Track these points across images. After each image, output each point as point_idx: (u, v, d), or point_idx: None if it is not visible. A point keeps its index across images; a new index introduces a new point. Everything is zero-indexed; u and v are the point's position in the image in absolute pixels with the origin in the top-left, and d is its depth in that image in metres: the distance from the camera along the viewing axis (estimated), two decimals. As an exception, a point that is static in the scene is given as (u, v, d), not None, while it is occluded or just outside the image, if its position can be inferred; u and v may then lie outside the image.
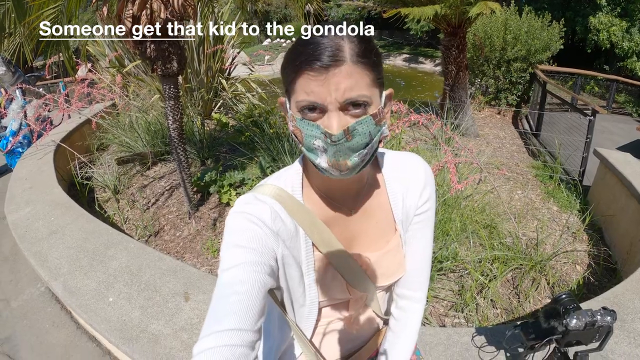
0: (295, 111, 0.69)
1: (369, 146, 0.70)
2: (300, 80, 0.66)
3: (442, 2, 5.73)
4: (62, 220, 2.80)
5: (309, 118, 0.67)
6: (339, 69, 0.63)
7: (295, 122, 0.70)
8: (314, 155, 0.70)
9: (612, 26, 11.54)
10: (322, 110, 0.66)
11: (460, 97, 6.71)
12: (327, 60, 0.63)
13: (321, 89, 0.64)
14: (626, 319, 1.81)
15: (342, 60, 0.63)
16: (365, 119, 0.67)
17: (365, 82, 0.66)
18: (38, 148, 4.27)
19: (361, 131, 0.67)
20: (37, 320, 2.75)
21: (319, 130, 0.67)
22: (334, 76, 0.63)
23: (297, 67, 0.66)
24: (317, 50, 0.63)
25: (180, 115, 3.36)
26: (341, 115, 0.66)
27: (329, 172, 0.71)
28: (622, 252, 3.20)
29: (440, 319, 2.54)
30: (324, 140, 0.67)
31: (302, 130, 0.69)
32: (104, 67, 6.34)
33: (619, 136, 7.78)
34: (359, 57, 0.65)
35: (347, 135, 0.66)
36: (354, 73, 0.64)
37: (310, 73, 0.64)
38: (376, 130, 0.70)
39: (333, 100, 0.65)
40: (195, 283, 2.14)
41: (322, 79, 0.63)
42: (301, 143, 0.71)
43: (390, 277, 0.93)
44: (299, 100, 0.67)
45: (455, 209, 3.20)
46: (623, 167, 3.52)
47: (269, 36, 22.69)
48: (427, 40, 21.48)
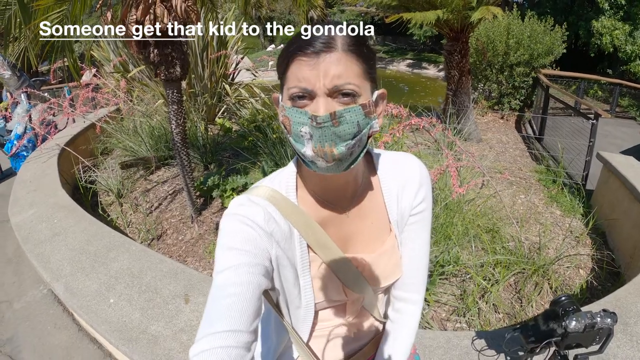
0: (287, 100, 0.71)
1: (357, 137, 0.70)
2: (292, 67, 0.68)
3: (444, 7, 5.75)
4: (65, 223, 2.82)
5: (299, 105, 0.69)
6: (330, 54, 0.66)
7: (284, 112, 0.71)
8: (300, 144, 0.70)
9: (615, 30, 11.54)
10: (311, 97, 0.68)
11: (463, 102, 6.71)
12: (319, 46, 0.65)
13: (311, 73, 0.66)
14: (629, 322, 1.80)
15: (333, 47, 0.66)
16: (354, 107, 0.68)
17: (355, 71, 0.68)
18: (42, 151, 4.30)
19: (349, 119, 0.68)
20: (40, 322, 2.76)
21: (306, 116, 0.67)
22: (324, 61, 0.65)
23: (291, 53, 0.68)
24: (311, 38, 0.67)
25: (184, 120, 3.38)
26: (329, 101, 0.67)
27: (315, 162, 0.71)
28: (625, 256, 3.18)
29: (442, 324, 2.53)
30: (310, 125, 0.67)
31: (290, 118, 0.70)
32: (109, 72, 6.40)
33: (623, 140, 7.74)
34: (350, 46, 0.67)
35: (334, 120, 0.67)
36: (344, 60, 0.66)
37: (302, 58, 0.66)
38: (365, 121, 0.71)
39: (322, 86, 0.66)
40: (196, 285, 2.15)
41: (313, 64, 0.66)
42: (289, 133, 0.72)
43: (387, 279, 0.92)
44: (290, 87, 0.69)
45: (457, 213, 3.19)
46: (626, 171, 3.50)
47: (272, 42, 22.81)
48: (430, 45, 21.52)
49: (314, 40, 0.66)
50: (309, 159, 0.71)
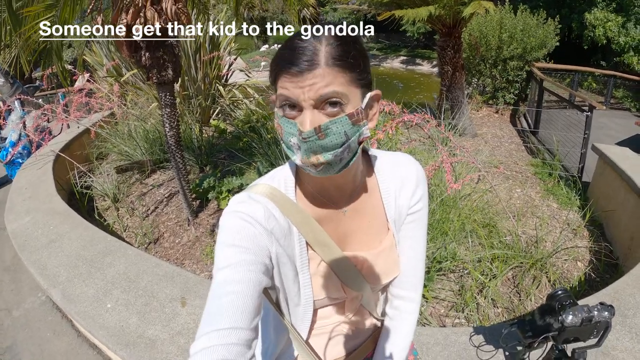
0: (279, 108, 0.72)
1: (345, 145, 0.70)
2: (280, 80, 0.69)
3: (436, 3, 5.75)
4: (61, 229, 2.81)
5: (288, 116, 0.70)
6: (313, 72, 0.65)
7: (277, 120, 0.72)
8: (290, 152, 0.72)
9: (607, 22, 11.55)
10: (300, 108, 0.68)
11: (457, 97, 6.71)
12: (303, 66, 0.65)
13: (297, 90, 0.66)
14: (627, 314, 1.80)
15: (316, 65, 0.65)
16: (340, 118, 0.68)
17: (340, 81, 0.67)
18: (37, 158, 4.28)
19: (335, 130, 0.68)
20: (38, 329, 2.75)
21: (295, 128, 0.69)
22: (307, 79, 0.65)
23: (278, 69, 0.69)
24: (294, 55, 0.66)
25: (177, 123, 3.37)
26: (315, 113, 0.67)
27: (308, 169, 0.73)
28: (623, 247, 3.19)
29: (440, 320, 2.53)
30: (297, 137, 0.68)
31: (282, 127, 0.71)
32: (102, 77, 6.37)
33: (617, 132, 7.76)
34: (335, 59, 0.67)
35: (319, 134, 0.67)
36: (327, 74, 0.66)
37: (286, 76, 0.67)
38: (353, 130, 0.70)
39: (307, 99, 0.66)
40: (192, 288, 2.14)
41: (297, 81, 0.66)
42: (282, 139, 0.73)
43: (385, 277, 0.92)
44: (280, 98, 0.70)
45: (453, 208, 3.19)
46: (622, 162, 3.51)
47: (266, 42, 22.79)
48: (424, 42, 21.56)
49: (298, 59, 0.66)
50: (299, 166, 0.73)
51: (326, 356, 1.00)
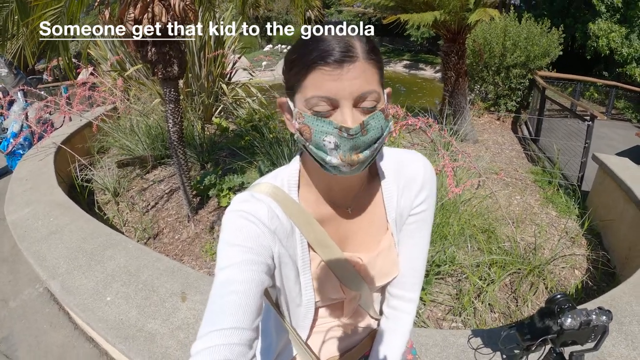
0: (304, 108, 0.68)
1: (379, 140, 0.71)
2: (312, 76, 0.66)
3: (441, 9, 5.77)
4: (62, 221, 2.81)
5: (322, 115, 0.67)
6: (353, 65, 0.64)
7: (303, 120, 0.69)
8: (323, 152, 0.69)
9: (611, 32, 11.57)
10: (334, 106, 0.66)
11: (459, 103, 6.73)
12: (341, 56, 0.64)
13: (335, 84, 0.64)
14: (624, 321, 1.81)
15: (355, 57, 0.65)
16: (377, 113, 0.68)
17: (376, 78, 0.68)
18: (39, 150, 4.29)
19: (374, 125, 0.68)
20: (35, 321, 2.75)
21: (332, 126, 0.66)
22: (348, 72, 0.64)
23: (310, 63, 0.65)
24: (330, 46, 0.64)
25: (181, 119, 3.37)
26: (354, 111, 0.67)
27: (339, 168, 0.70)
28: (620, 257, 3.20)
29: (437, 323, 2.54)
30: (338, 135, 0.66)
31: (311, 127, 0.68)
32: (106, 71, 6.38)
33: (618, 142, 7.78)
34: (370, 54, 0.67)
35: (363, 130, 0.67)
36: (367, 69, 0.66)
37: (324, 68, 0.64)
38: (386, 124, 0.71)
39: (347, 95, 0.65)
40: (193, 283, 2.15)
41: (337, 74, 0.64)
42: (308, 141, 0.70)
43: (384, 278, 0.93)
44: (310, 97, 0.67)
45: (453, 213, 3.20)
46: (622, 172, 3.52)
47: (270, 42, 22.81)
48: (427, 47, 21.55)
49: (334, 50, 0.64)
50: (331, 165, 0.70)
51: (324, 355, 1.00)
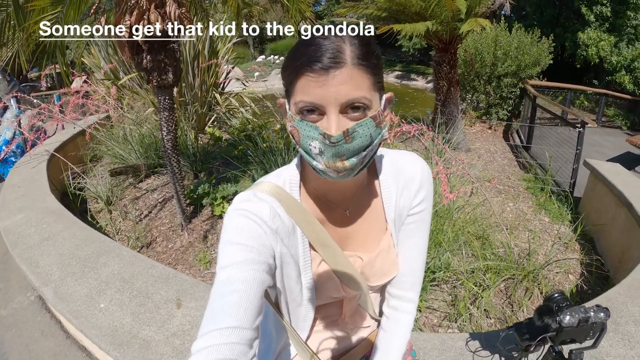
0: (294, 112, 0.69)
1: (369, 148, 0.70)
2: (300, 82, 0.66)
3: (433, 19, 5.84)
4: (55, 228, 2.78)
5: (308, 119, 0.67)
6: (340, 71, 0.64)
7: (293, 123, 0.70)
8: (310, 157, 0.70)
9: (600, 41, 11.79)
10: (321, 112, 0.66)
11: (451, 112, 6.78)
12: (328, 62, 0.63)
13: (321, 90, 0.64)
14: (620, 321, 1.82)
15: (343, 63, 0.64)
16: (366, 121, 0.67)
17: (366, 84, 0.67)
18: (31, 157, 4.25)
19: (362, 133, 0.67)
20: (27, 329, 2.70)
21: (317, 132, 0.66)
22: (334, 78, 0.63)
23: (298, 68, 0.66)
24: (318, 52, 0.64)
25: (175, 127, 3.37)
26: (340, 117, 0.66)
27: (326, 173, 0.70)
28: (614, 261, 3.22)
29: (434, 329, 2.53)
30: (322, 141, 0.66)
31: (299, 131, 0.69)
32: (99, 79, 6.37)
33: (609, 149, 7.88)
34: (360, 59, 0.65)
35: (347, 137, 0.66)
36: (355, 76, 0.65)
37: (310, 75, 0.64)
38: (377, 132, 0.70)
39: (333, 102, 0.65)
40: (188, 290, 2.12)
41: (322, 81, 0.64)
42: (298, 144, 0.71)
43: (383, 277, 0.93)
44: (298, 101, 0.67)
45: (448, 219, 3.22)
46: (613, 177, 3.56)
47: (262, 53, 22.92)
48: (419, 57, 21.77)
49: (322, 56, 0.63)
50: (320, 171, 0.71)
51: (324, 355, 1.00)
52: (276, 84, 16.23)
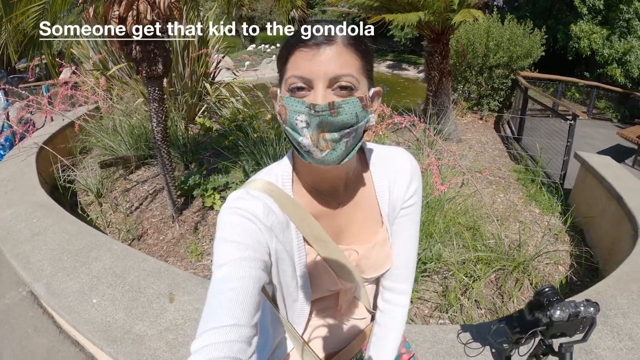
0: (285, 91, 0.72)
1: (354, 128, 0.71)
2: (292, 58, 0.70)
3: (426, 9, 5.81)
4: (45, 222, 2.75)
5: (297, 96, 0.70)
6: (330, 47, 0.68)
7: (282, 102, 0.72)
8: (296, 133, 0.71)
9: (592, 34, 11.80)
10: (310, 87, 0.69)
11: (443, 103, 6.79)
12: (320, 39, 0.67)
13: (310, 63, 0.68)
14: (609, 314, 1.86)
15: (333, 41, 0.68)
16: (352, 99, 0.70)
17: (354, 64, 0.70)
18: (20, 150, 4.19)
19: (347, 110, 0.69)
20: (19, 325, 2.68)
21: (303, 105, 0.68)
22: (324, 53, 0.67)
23: (291, 45, 0.70)
24: (311, 32, 0.68)
25: (165, 118, 3.34)
26: (328, 92, 0.69)
27: (311, 153, 0.71)
28: (603, 252, 3.27)
29: (425, 320, 2.56)
30: (307, 112, 0.68)
31: (287, 107, 0.71)
32: (88, 70, 6.27)
33: (600, 141, 7.95)
34: (350, 40, 0.70)
35: (332, 110, 0.68)
36: (344, 53, 0.68)
37: (303, 49, 0.68)
38: (363, 114, 0.72)
39: (322, 75, 0.67)
40: (180, 284, 2.12)
41: (312, 54, 0.67)
42: (285, 122, 0.72)
43: (378, 270, 0.94)
44: (289, 77, 0.70)
45: (439, 211, 3.24)
46: (603, 170, 3.60)
47: (253, 42, 22.70)
48: (410, 47, 21.68)
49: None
50: (305, 148, 0.72)
51: (321, 349, 1.01)
52: (267, 74, 16.11)
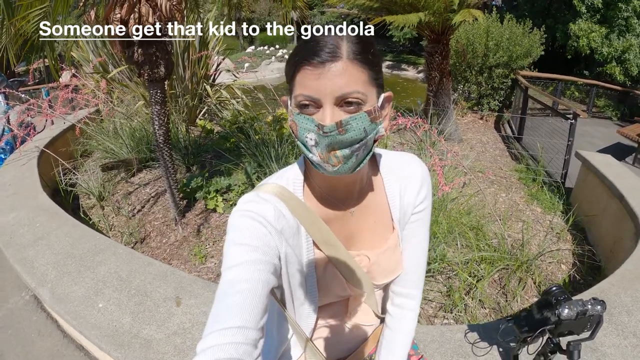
0: (294, 106, 0.72)
1: (363, 142, 0.71)
2: (298, 76, 0.69)
3: (426, 10, 5.82)
4: (48, 226, 2.75)
5: (306, 113, 0.70)
6: (335, 64, 0.66)
7: (292, 117, 0.72)
8: (307, 149, 0.72)
9: (591, 32, 11.81)
10: (317, 105, 0.69)
11: (443, 103, 6.79)
12: (325, 56, 0.66)
13: (317, 82, 0.67)
14: (613, 312, 1.86)
15: (339, 57, 0.66)
16: (360, 115, 0.69)
17: (361, 79, 0.69)
18: (21, 154, 4.19)
19: (355, 126, 0.69)
20: (23, 330, 2.68)
21: (312, 123, 0.69)
22: (330, 71, 0.66)
23: (297, 63, 0.69)
24: (316, 47, 0.67)
25: (167, 120, 3.34)
26: (335, 110, 0.68)
27: (322, 167, 0.72)
28: (605, 251, 3.27)
29: (429, 320, 2.56)
30: (316, 132, 0.68)
31: (297, 124, 0.71)
32: (88, 73, 6.27)
33: (600, 139, 7.96)
34: (356, 54, 0.68)
35: (340, 129, 0.68)
36: (350, 69, 0.67)
37: (308, 68, 0.67)
38: (371, 127, 0.71)
39: (328, 94, 0.67)
40: (186, 287, 2.12)
41: (318, 73, 0.66)
42: (296, 137, 0.73)
43: (389, 275, 0.94)
44: (296, 95, 0.70)
45: (442, 211, 3.24)
46: (604, 168, 3.61)
47: (252, 43, 22.71)
48: (409, 47, 21.71)
49: (320, 51, 0.66)
50: (315, 163, 0.73)
51: (329, 354, 1.01)
52: (267, 75, 16.11)
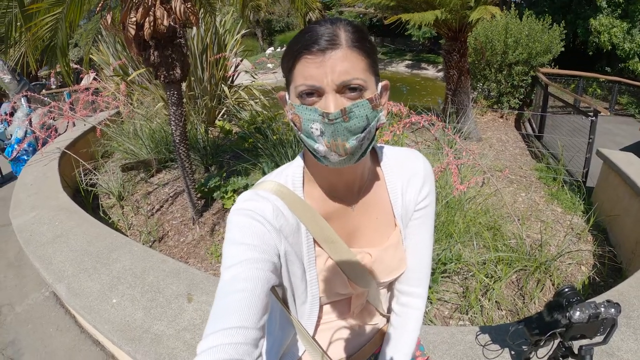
0: (294, 98, 0.71)
1: (367, 130, 0.71)
2: (298, 66, 0.69)
3: (442, 7, 5.76)
4: (67, 225, 2.82)
5: (307, 103, 0.69)
6: (335, 52, 0.66)
7: (294, 110, 0.71)
8: (312, 140, 0.71)
9: (612, 28, 11.50)
10: (319, 93, 0.68)
11: (462, 101, 6.71)
12: (324, 44, 0.66)
13: (318, 71, 0.66)
14: (632, 315, 1.80)
15: (338, 44, 0.67)
16: (362, 102, 0.69)
17: (361, 66, 0.69)
18: (43, 155, 4.31)
19: (358, 114, 0.68)
20: (41, 325, 2.75)
21: (316, 113, 0.68)
22: (330, 59, 0.66)
23: (296, 53, 0.68)
24: (315, 36, 0.67)
25: (184, 121, 3.38)
26: (338, 97, 0.68)
27: (328, 157, 0.71)
28: (627, 252, 3.18)
29: (445, 321, 2.53)
30: (321, 121, 0.68)
31: (300, 116, 0.70)
32: (108, 76, 6.41)
33: (622, 137, 7.74)
34: (354, 42, 0.68)
35: (344, 116, 0.67)
36: (350, 56, 0.67)
37: (308, 57, 0.67)
38: (373, 114, 0.71)
39: (330, 82, 0.67)
40: (199, 284, 2.15)
41: (319, 62, 0.66)
42: (300, 130, 0.72)
43: (391, 273, 0.92)
44: (297, 85, 0.69)
45: (459, 210, 3.20)
46: (626, 167, 3.51)
47: (271, 45, 22.85)
48: (429, 46, 21.51)
49: (319, 38, 0.67)
50: (321, 154, 0.72)
51: (333, 353, 0.99)
52: (285, 76, 16.15)
